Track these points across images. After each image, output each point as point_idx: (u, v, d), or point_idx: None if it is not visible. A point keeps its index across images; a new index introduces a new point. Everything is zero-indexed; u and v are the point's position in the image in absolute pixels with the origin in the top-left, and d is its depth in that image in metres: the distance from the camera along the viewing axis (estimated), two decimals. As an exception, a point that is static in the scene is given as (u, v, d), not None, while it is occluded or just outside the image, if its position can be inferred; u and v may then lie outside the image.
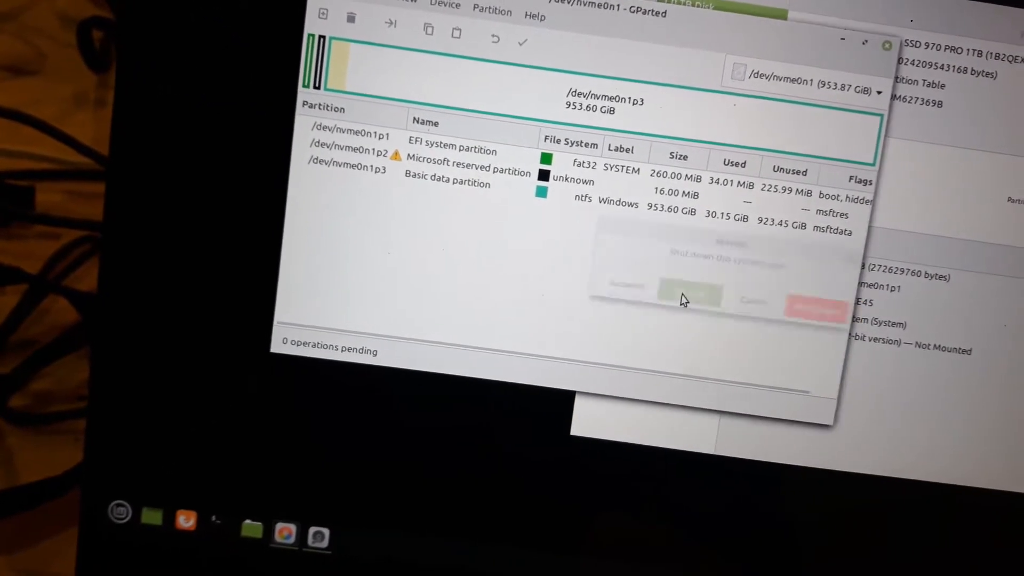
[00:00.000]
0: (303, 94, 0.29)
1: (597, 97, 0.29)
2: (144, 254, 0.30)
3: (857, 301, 0.30)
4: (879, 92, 0.29)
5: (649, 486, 0.30)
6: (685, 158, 0.29)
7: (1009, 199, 0.29)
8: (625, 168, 0.29)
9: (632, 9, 0.28)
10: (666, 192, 0.29)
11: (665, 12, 0.29)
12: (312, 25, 0.28)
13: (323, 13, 0.28)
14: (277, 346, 0.30)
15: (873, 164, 0.29)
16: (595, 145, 0.29)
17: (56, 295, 0.38)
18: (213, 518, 0.31)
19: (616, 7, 0.28)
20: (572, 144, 0.29)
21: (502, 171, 0.29)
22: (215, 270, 0.30)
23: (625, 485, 0.30)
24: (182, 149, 0.29)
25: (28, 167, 0.46)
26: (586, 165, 0.29)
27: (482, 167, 0.29)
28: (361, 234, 0.29)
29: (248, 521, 0.31)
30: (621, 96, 0.29)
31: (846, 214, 0.29)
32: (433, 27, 0.28)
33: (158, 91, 0.29)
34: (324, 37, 0.28)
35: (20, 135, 0.42)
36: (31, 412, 0.38)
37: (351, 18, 0.28)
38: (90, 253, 0.41)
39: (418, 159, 0.29)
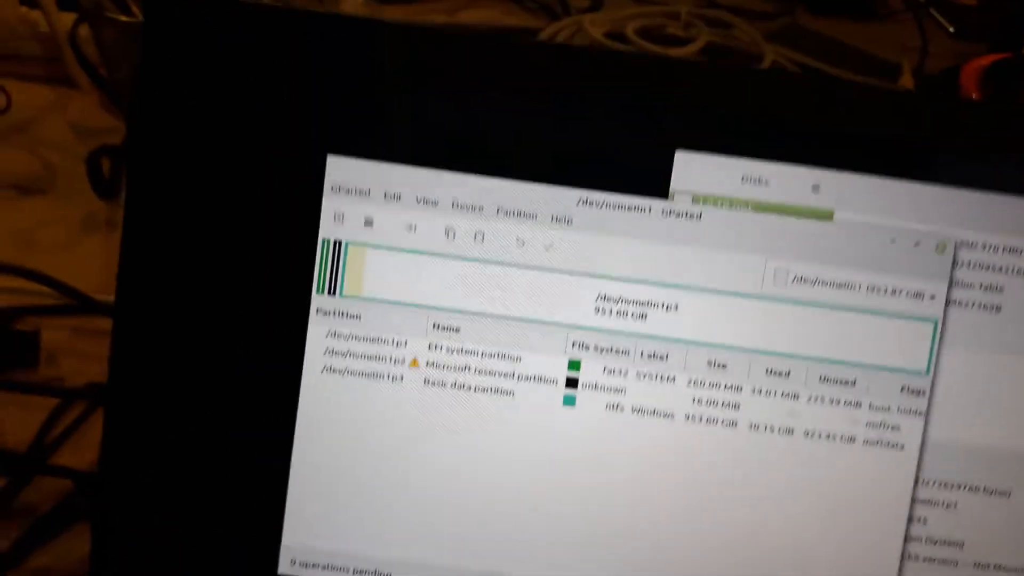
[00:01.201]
0: (317, 300, 0.27)
1: (628, 302, 0.27)
2: (144, 464, 0.28)
3: (910, 519, 0.27)
4: (933, 297, 0.27)
5: None
6: (724, 367, 0.27)
7: (1074, 410, 0.27)
8: (659, 376, 0.27)
9: (665, 212, 0.27)
10: (704, 403, 0.27)
11: (700, 215, 0.27)
12: (327, 230, 0.27)
13: (339, 217, 0.27)
14: (285, 567, 0.28)
15: (927, 373, 0.27)
16: (627, 352, 0.27)
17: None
18: None
19: (648, 210, 0.27)
20: (602, 351, 0.27)
21: (527, 378, 0.27)
22: (220, 483, 0.28)
23: None
24: (187, 357, 0.27)
25: (34, 303, 0.45)
26: (617, 373, 0.27)
27: (506, 374, 0.27)
28: (376, 447, 0.27)
29: None
30: (653, 301, 0.27)
31: (898, 426, 0.27)
32: (455, 232, 0.27)
33: (160, 306, 0.27)
34: (340, 242, 0.27)
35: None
36: (28, 592, 0.36)
37: (368, 222, 0.27)
38: (93, 407, 0.39)
39: (438, 366, 0.27)
